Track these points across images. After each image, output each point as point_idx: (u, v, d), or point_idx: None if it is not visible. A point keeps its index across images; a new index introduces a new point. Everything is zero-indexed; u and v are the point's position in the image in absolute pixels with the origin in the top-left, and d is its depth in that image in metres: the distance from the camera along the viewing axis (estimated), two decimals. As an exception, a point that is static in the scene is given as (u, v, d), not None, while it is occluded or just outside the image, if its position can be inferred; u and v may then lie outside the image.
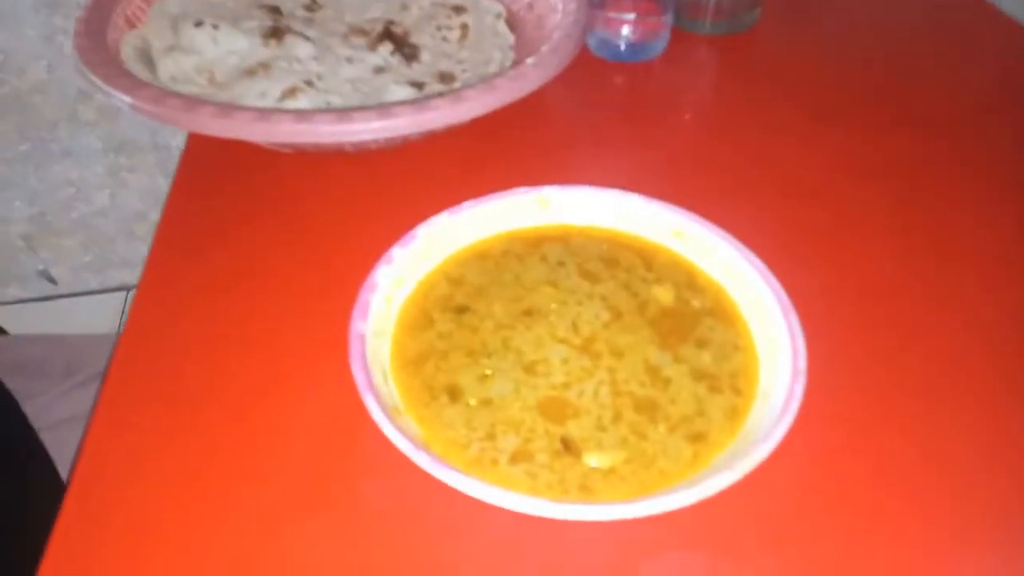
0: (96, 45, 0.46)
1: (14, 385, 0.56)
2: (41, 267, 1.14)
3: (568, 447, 0.32)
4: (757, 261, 0.38)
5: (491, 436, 0.33)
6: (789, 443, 0.31)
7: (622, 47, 0.63)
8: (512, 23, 0.61)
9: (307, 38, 0.54)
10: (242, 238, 0.45)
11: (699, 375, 0.36)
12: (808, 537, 0.32)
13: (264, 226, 0.46)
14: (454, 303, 0.38)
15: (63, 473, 0.56)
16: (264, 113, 0.40)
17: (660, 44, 0.63)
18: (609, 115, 0.58)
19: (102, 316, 1.13)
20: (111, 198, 1.12)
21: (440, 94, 0.43)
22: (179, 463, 0.34)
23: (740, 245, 0.39)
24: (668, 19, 0.62)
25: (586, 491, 0.31)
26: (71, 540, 0.31)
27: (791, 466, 0.33)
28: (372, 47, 0.56)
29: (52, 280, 1.14)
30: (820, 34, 0.67)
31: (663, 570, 0.30)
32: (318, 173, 0.49)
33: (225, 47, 0.52)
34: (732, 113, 0.58)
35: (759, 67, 0.63)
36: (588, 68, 0.62)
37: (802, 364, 0.33)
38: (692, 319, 0.39)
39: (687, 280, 0.40)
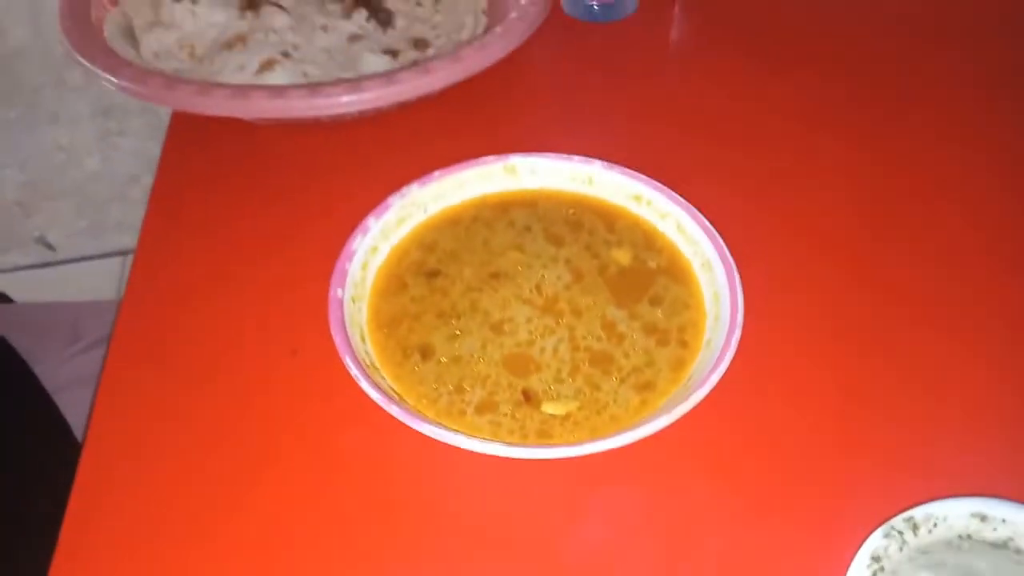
0: (80, 25, 0.48)
1: (22, 350, 0.60)
2: (37, 233, 1.16)
3: (528, 398, 0.36)
4: (706, 222, 0.41)
5: (459, 390, 0.36)
6: (725, 389, 0.34)
7: (594, 6, 0.64)
8: (485, -13, 0.62)
9: (282, 8, 0.56)
10: (226, 209, 0.48)
11: (651, 330, 0.39)
12: (738, 472, 0.36)
13: (247, 196, 0.49)
14: (426, 268, 0.41)
15: (76, 433, 0.60)
16: (240, 90, 0.43)
17: (632, 1, 0.65)
18: (579, 78, 0.60)
19: (102, 280, 1.15)
20: (103, 162, 1.13)
21: (408, 66, 0.45)
22: (180, 419, 0.38)
23: (692, 208, 0.42)
24: (639, -24, 0.63)
25: (544, 436, 0.35)
26: (89, 494, 0.35)
27: (727, 409, 0.36)
28: (347, 13, 0.58)
29: (50, 246, 1.17)
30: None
31: (612, 502, 0.34)
32: (296, 142, 0.52)
33: (204, 20, 0.53)
34: (701, 72, 0.60)
35: (732, 25, 0.64)
36: (560, 29, 0.63)
37: (740, 318, 0.36)
38: (648, 278, 0.42)
39: (645, 241, 0.43)
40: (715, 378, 0.34)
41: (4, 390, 0.60)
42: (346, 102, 0.43)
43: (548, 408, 0.35)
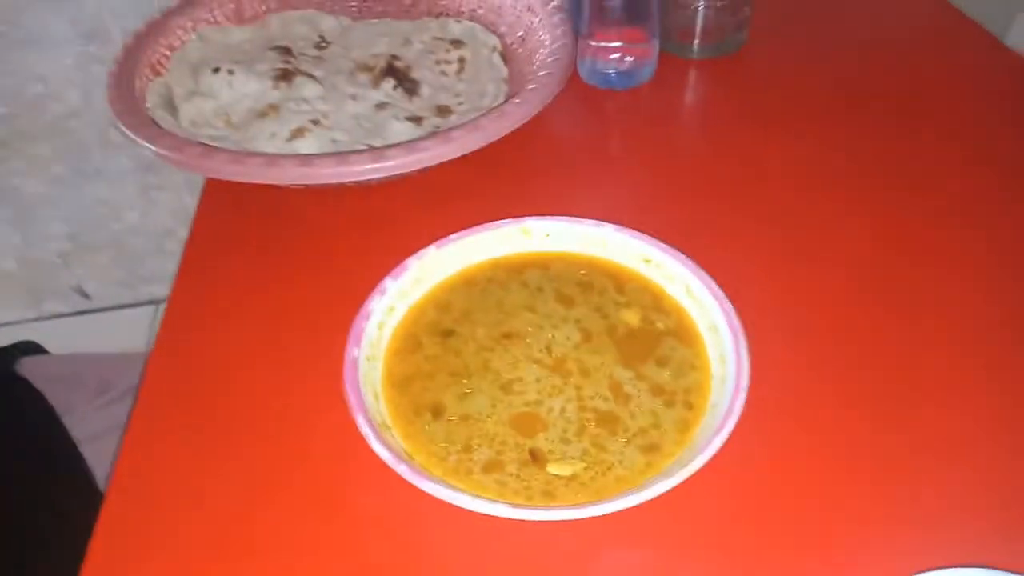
0: (124, 94, 0.52)
1: (53, 400, 0.62)
2: (75, 283, 1.21)
3: (535, 457, 0.37)
4: (714, 285, 0.42)
5: (467, 448, 0.37)
6: (731, 451, 0.35)
7: (612, 75, 0.66)
8: (507, 56, 0.65)
9: (314, 78, 0.59)
10: (254, 267, 0.50)
11: (658, 391, 0.40)
12: (743, 536, 0.36)
13: (274, 256, 0.51)
14: (441, 327, 0.43)
15: (99, 483, 0.61)
16: (272, 159, 0.45)
17: (648, 70, 0.67)
18: (595, 143, 0.62)
19: (132, 329, 1.19)
20: (142, 216, 1.18)
21: (429, 135, 0.48)
22: (198, 471, 0.39)
23: (700, 271, 0.43)
24: (655, 44, 0.65)
25: (549, 496, 0.35)
26: (109, 545, 0.37)
27: (733, 472, 0.37)
28: (376, 83, 0.61)
29: (86, 295, 1.21)
30: (808, 55, 0.70)
31: (616, 565, 0.35)
32: (323, 205, 0.54)
33: (239, 91, 0.57)
34: (714, 138, 0.62)
35: (744, 91, 0.66)
36: (579, 96, 0.66)
37: (745, 382, 0.37)
38: (656, 339, 0.43)
39: (654, 303, 0.44)
40: (719, 441, 0.34)
41: (33, 440, 0.62)
42: (370, 169, 0.46)
43: (553, 469, 0.36)
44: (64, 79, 1.03)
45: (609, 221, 0.46)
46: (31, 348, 0.79)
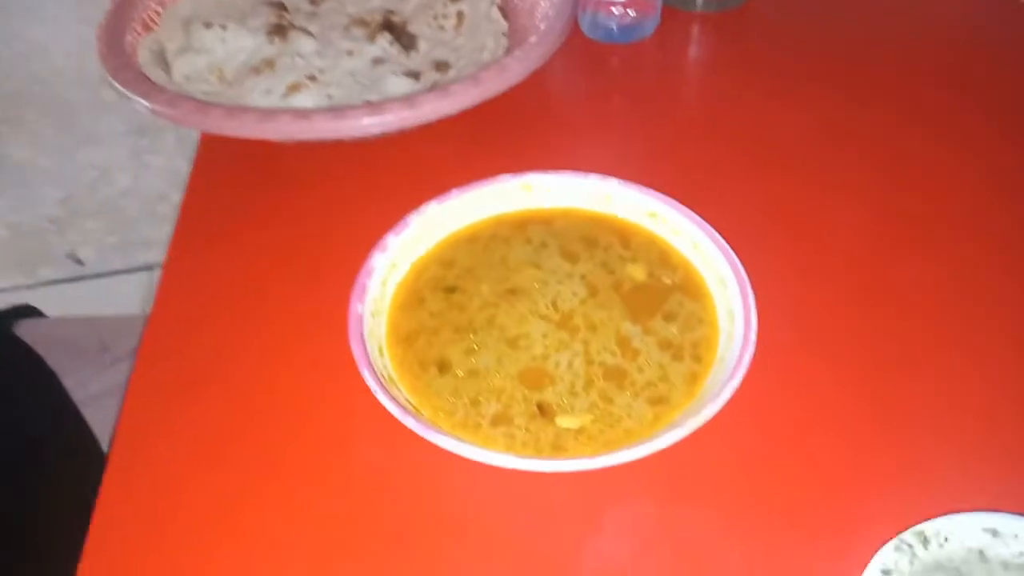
0: (115, 50, 0.50)
1: (52, 362, 0.62)
2: (68, 249, 1.20)
3: (543, 411, 0.37)
4: (722, 240, 0.42)
5: (475, 403, 0.37)
6: (738, 404, 0.34)
7: (614, 28, 0.65)
8: (505, 10, 0.63)
9: (309, 33, 0.58)
10: (252, 227, 0.49)
11: (665, 345, 0.40)
12: (750, 486, 0.36)
13: (272, 215, 0.50)
14: (444, 284, 0.42)
15: (103, 444, 0.61)
16: (268, 113, 0.44)
17: (651, 23, 0.65)
18: (598, 98, 0.61)
19: (129, 294, 1.18)
20: (134, 180, 1.17)
21: (428, 89, 0.47)
22: (203, 430, 0.39)
23: (707, 225, 0.43)
24: (659, -2, 0.64)
25: (558, 449, 0.35)
26: (114, 504, 0.36)
27: (740, 424, 0.37)
28: (372, 38, 0.59)
29: (79, 262, 1.20)
30: (811, 10, 0.68)
31: (625, 516, 0.35)
32: (320, 162, 0.53)
33: (233, 46, 0.55)
34: (719, 92, 0.61)
35: (749, 45, 0.65)
36: (581, 51, 0.64)
37: (753, 335, 0.37)
38: (663, 294, 0.42)
39: (660, 258, 0.44)
40: (728, 393, 0.34)
41: (35, 402, 0.61)
42: (367, 124, 0.45)
43: (562, 422, 0.36)
44: (52, 40, 1.01)
45: (613, 176, 0.45)
46: (28, 312, 0.79)
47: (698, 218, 0.43)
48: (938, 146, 0.54)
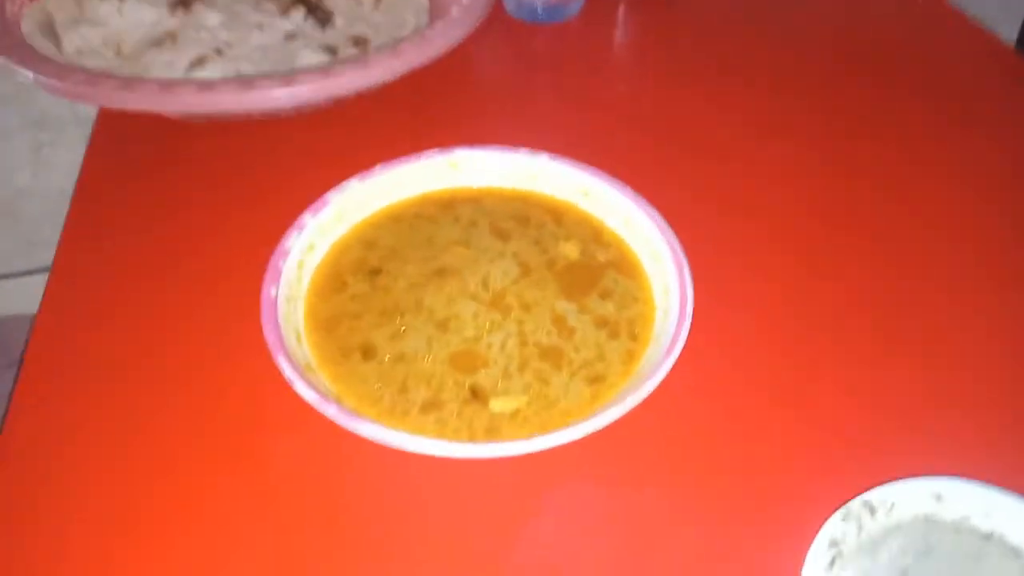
0: (-7, 19, 0.45)
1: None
2: (-37, 251, 1.11)
3: (476, 395, 0.34)
4: (657, 216, 0.40)
5: (403, 389, 0.35)
6: (676, 380, 0.33)
7: (538, 8, 0.63)
8: (427, -13, 0.61)
9: (214, 6, 0.54)
10: (153, 211, 0.45)
11: (601, 323, 0.38)
12: (692, 463, 0.35)
13: (175, 197, 0.46)
14: (367, 266, 0.40)
15: None
16: (167, 84, 0.41)
17: (576, 4, 0.64)
18: (523, 77, 0.59)
19: (29, 297, 1.10)
20: (32, 177, 1.09)
21: (345, 60, 0.44)
22: (99, 432, 0.35)
23: (642, 201, 0.41)
24: (583, -22, 0.63)
25: (493, 433, 0.33)
26: (7, 506, 0.32)
27: (679, 400, 0.35)
28: (283, 12, 0.56)
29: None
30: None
31: (564, 499, 0.33)
32: (228, 142, 0.49)
33: (132, 18, 0.51)
34: (644, 72, 0.60)
35: (674, 28, 0.65)
36: (504, 30, 0.63)
37: (689, 309, 0.35)
38: (597, 272, 0.41)
39: (593, 235, 0.42)
40: (665, 369, 0.33)
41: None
42: (281, 95, 0.41)
43: (496, 405, 0.34)
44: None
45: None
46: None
47: (631, 192, 0.42)
48: (863, 125, 0.54)
